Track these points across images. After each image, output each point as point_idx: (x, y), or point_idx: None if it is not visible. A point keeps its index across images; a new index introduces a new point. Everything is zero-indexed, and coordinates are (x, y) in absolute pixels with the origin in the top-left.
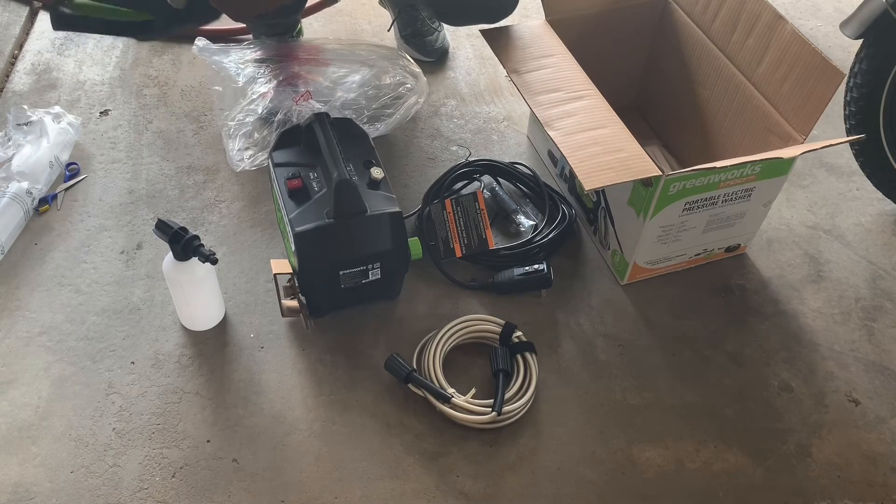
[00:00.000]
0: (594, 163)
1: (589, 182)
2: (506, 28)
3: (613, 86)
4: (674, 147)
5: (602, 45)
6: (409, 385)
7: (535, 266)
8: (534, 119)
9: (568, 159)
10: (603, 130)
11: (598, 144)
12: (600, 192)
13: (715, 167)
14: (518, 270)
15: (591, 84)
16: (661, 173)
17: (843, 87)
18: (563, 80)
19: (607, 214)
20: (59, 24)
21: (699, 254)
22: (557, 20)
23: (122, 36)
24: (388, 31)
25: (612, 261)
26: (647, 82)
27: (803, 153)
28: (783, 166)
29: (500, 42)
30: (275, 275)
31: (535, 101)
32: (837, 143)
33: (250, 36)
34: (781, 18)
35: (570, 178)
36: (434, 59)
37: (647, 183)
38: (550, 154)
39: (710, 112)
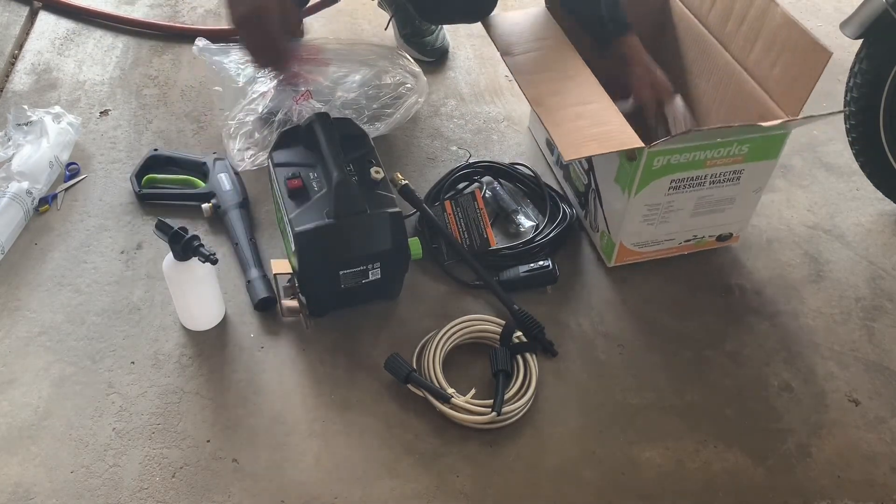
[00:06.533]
0: (578, 136)
1: (568, 153)
2: (503, 15)
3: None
4: None
5: None
6: (409, 385)
7: (541, 262)
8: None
9: (550, 132)
10: (590, 106)
11: (584, 118)
12: (590, 174)
13: (700, 130)
14: (523, 268)
15: (583, 65)
16: (643, 145)
17: (843, 88)
18: (555, 61)
19: (597, 196)
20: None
21: (689, 240)
22: (556, 9)
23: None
24: (386, 29)
25: (600, 243)
26: None
27: (781, 122)
28: (771, 149)
29: (495, 27)
30: (275, 275)
31: (525, 80)
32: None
33: None
34: (773, 2)
35: (566, 166)
36: (434, 58)
37: (631, 156)
38: (548, 143)
39: (707, 102)
